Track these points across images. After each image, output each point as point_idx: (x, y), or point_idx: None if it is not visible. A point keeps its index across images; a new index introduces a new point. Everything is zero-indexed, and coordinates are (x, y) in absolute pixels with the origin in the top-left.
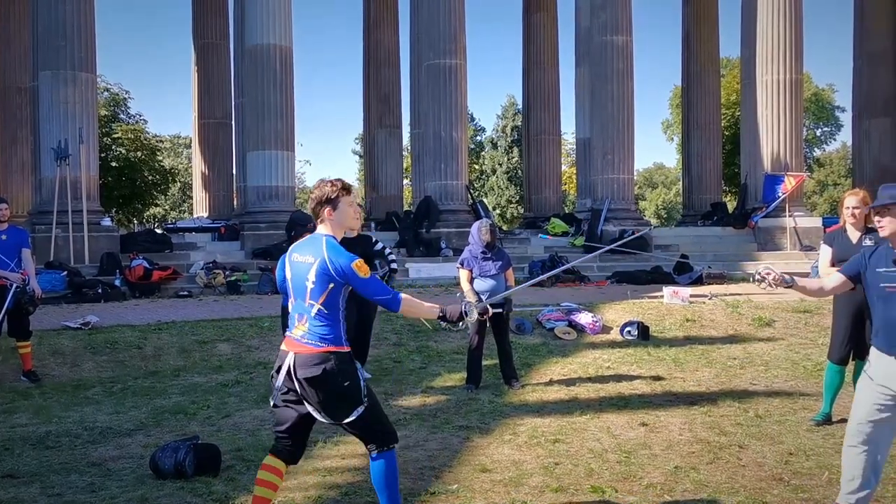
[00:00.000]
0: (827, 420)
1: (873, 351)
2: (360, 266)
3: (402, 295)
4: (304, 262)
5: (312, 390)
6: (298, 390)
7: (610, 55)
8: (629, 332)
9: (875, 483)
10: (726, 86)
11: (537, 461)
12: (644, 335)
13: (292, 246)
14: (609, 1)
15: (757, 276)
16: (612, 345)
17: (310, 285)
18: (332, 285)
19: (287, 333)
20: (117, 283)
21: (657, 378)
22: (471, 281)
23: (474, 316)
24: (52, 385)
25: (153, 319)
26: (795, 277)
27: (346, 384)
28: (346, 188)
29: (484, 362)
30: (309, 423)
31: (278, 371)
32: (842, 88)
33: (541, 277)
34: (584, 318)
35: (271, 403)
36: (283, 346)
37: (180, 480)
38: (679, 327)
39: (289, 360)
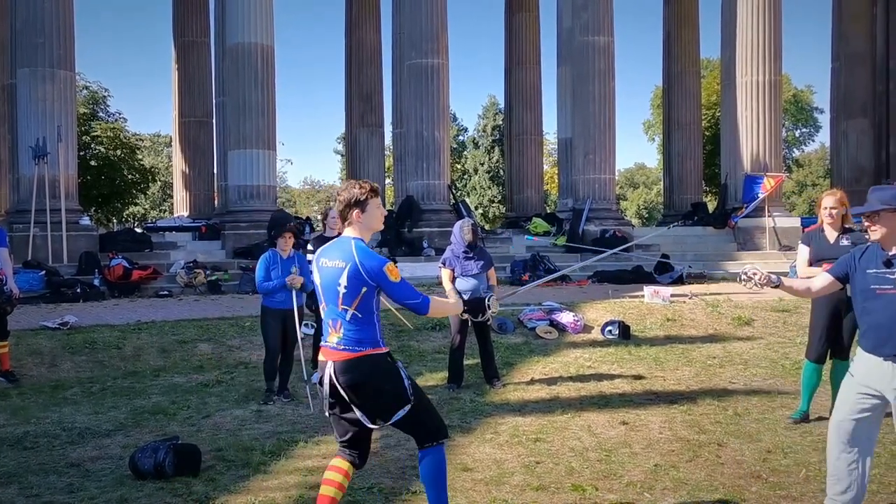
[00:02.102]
0: (805, 418)
1: (858, 351)
2: (391, 269)
3: (430, 298)
4: (334, 266)
5: (356, 395)
6: (344, 397)
7: (592, 55)
8: (610, 331)
9: (862, 485)
10: (707, 86)
11: (518, 460)
12: (625, 334)
13: (319, 250)
14: (591, 2)
15: (743, 276)
16: (594, 344)
17: (342, 290)
18: (364, 289)
19: (322, 342)
20: (96, 282)
21: (638, 377)
22: (453, 280)
23: (496, 307)
24: (30, 385)
25: (133, 319)
26: (782, 277)
27: (388, 385)
28: (374, 190)
29: (466, 362)
30: (367, 429)
31: (321, 382)
32: (820, 90)
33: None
34: (565, 317)
35: (326, 413)
36: (321, 357)
37: (160, 481)
38: (659, 326)
39: (329, 370)
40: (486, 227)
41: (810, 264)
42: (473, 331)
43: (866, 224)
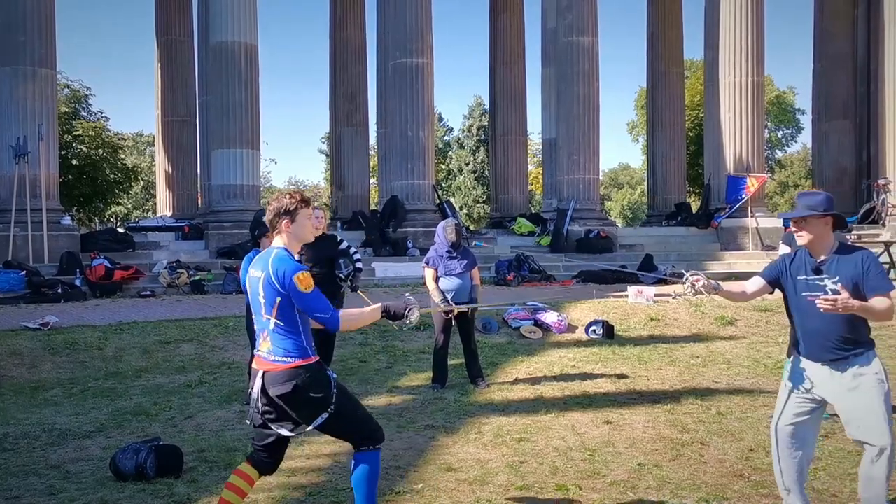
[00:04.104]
0: None
1: (794, 356)
2: (301, 279)
3: (340, 312)
4: (255, 276)
5: (285, 405)
6: (275, 407)
7: (576, 56)
8: (594, 330)
9: (802, 481)
10: (690, 87)
11: (502, 460)
12: (609, 334)
13: (254, 259)
14: (575, 2)
15: (686, 284)
16: (578, 344)
17: (261, 300)
18: (279, 298)
19: (255, 351)
20: (77, 282)
21: (621, 376)
22: (436, 280)
23: (415, 316)
24: (10, 386)
25: (114, 320)
26: (721, 283)
27: (317, 396)
28: (306, 201)
29: (450, 361)
30: (287, 438)
31: (253, 389)
32: (803, 92)
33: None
34: (549, 317)
35: (248, 422)
36: (253, 364)
37: (141, 482)
38: (643, 326)
39: (258, 380)
40: (471, 226)
41: None
42: (458, 330)
43: (794, 229)
